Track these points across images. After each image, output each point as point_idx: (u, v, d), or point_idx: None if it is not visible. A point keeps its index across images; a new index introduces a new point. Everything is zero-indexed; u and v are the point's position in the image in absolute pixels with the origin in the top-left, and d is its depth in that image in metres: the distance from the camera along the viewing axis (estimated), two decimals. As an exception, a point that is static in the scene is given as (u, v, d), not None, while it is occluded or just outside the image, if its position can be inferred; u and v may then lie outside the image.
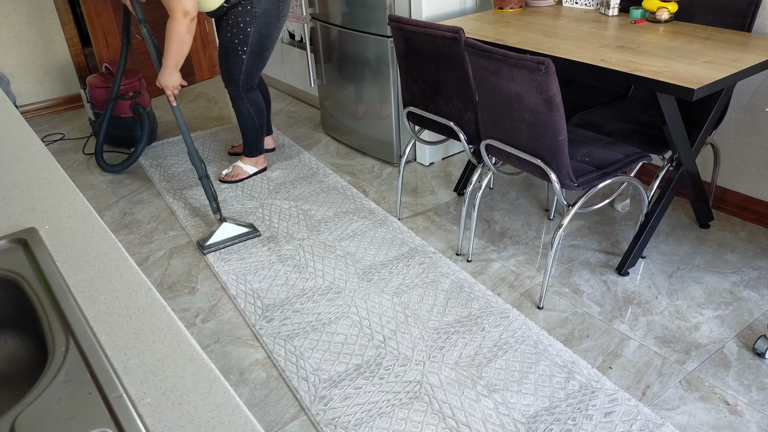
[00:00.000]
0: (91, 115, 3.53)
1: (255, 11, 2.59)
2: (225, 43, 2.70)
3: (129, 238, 2.65)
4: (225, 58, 2.76)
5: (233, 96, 2.89)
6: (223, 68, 2.82)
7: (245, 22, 2.61)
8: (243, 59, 2.73)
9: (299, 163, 3.25)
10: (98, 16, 3.85)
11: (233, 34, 2.65)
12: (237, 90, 2.85)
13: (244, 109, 2.92)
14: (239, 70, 2.77)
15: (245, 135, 3.00)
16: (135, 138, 3.45)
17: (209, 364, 0.71)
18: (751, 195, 2.51)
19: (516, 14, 2.71)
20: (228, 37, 2.67)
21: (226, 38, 2.68)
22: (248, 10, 2.58)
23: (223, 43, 2.71)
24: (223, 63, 2.80)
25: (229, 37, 2.67)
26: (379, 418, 1.70)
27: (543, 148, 1.89)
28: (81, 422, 0.64)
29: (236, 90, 2.85)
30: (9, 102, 1.56)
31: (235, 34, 2.65)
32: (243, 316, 2.14)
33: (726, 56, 1.97)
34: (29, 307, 0.82)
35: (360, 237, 2.56)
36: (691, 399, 1.73)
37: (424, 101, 2.37)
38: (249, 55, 2.72)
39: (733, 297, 2.11)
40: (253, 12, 2.59)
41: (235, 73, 2.78)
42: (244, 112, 2.92)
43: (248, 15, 2.59)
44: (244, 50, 2.70)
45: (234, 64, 2.75)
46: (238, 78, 2.80)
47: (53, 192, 1.11)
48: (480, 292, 2.19)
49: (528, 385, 1.79)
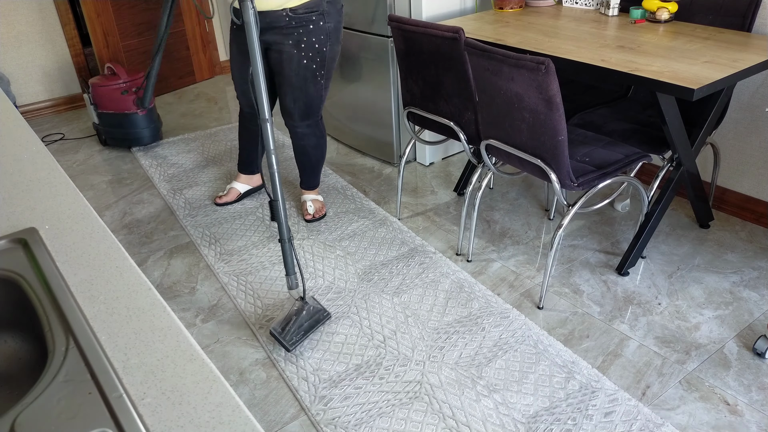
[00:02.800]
0: (94, 119, 3.49)
1: (328, 27, 2.21)
2: (300, 72, 2.26)
3: (129, 238, 2.65)
4: (302, 89, 2.31)
5: (306, 131, 2.47)
6: (297, 104, 2.36)
7: (320, 41, 2.22)
8: (322, 85, 2.34)
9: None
10: (98, 16, 3.85)
11: (310, 59, 2.23)
12: (316, 120, 2.46)
13: (320, 140, 2.53)
14: (320, 99, 2.39)
15: (314, 166, 2.62)
16: (139, 135, 3.44)
17: (209, 364, 0.71)
18: (751, 195, 2.51)
19: (516, 14, 2.71)
20: (304, 64, 2.24)
21: (301, 66, 2.25)
22: (321, 27, 2.19)
23: (297, 73, 2.26)
24: (298, 97, 2.33)
25: (305, 64, 2.24)
26: (379, 418, 1.70)
27: (543, 148, 1.89)
28: (81, 422, 0.64)
29: (314, 121, 2.45)
30: (9, 102, 1.56)
31: (311, 59, 2.24)
32: (243, 316, 2.14)
33: (726, 56, 1.97)
34: (29, 307, 0.82)
35: (360, 237, 2.56)
36: (691, 399, 1.73)
37: (424, 101, 2.37)
38: (326, 79, 2.35)
39: (733, 297, 2.11)
40: (326, 28, 2.20)
41: (315, 103, 2.38)
42: (318, 143, 2.54)
43: (322, 32, 2.20)
44: (322, 74, 2.31)
45: (315, 93, 2.34)
46: (319, 107, 2.42)
47: (53, 192, 1.11)
48: (480, 292, 2.19)
49: (528, 385, 1.79)
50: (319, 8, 2.11)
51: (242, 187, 2.86)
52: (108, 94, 3.36)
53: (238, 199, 2.85)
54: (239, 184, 2.86)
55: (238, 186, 2.85)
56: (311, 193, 2.73)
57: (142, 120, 3.42)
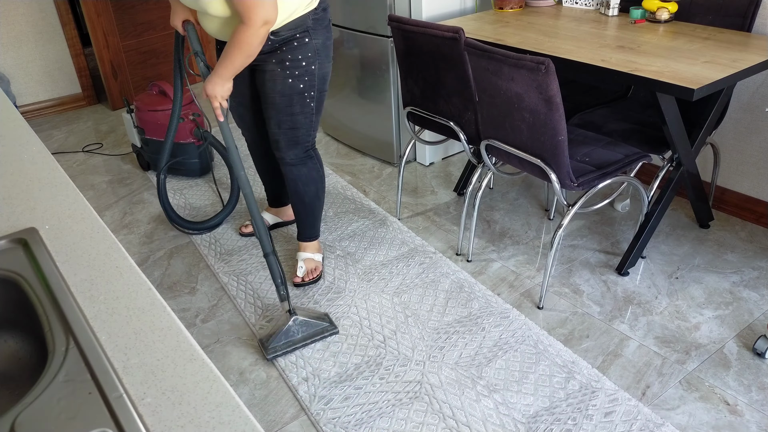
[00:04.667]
0: (136, 142, 3.13)
1: (316, 43, 1.96)
2: (285, 91, 1.98)
3: (129, 238, 2.65)
4: (287, 112, 2.03)
5: (296, 162, 2.13)
6: (282, 128, 2.05)
7: (307, 59, 1.96)
8: (312, 108, 2.05)
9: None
10: (98, 16, 3.85)
11: (296, 77, 1.96)
12: (305, 150, 2.12)
13: (313, 174, 2.18)
14: (309, 124, 2.08)
15: (309, 210, 2.25)
16: (192, 167, 3.05)
17: (209, 364, 0.71)
18: (751, 195, 2.51)
19: (516, 14, 2.71)
20: (289, 83, 1.96)
21: (286, 86, 1.97)
22: (307, 44, 1.94)
23: (282, 92, 1.98)
24: (283, 121, 2.04)
25: (290, 83, 1.96)
26: (380, 418, 1.70)
27: (543, 148, 1.89)
28: (81, 422, 0.64)
29: (303, 151, 2.12)
30: (9, 102, 1.56)
31: (298, 77, 1.96)
32: (243, 316, 2.14)
33: (726, 56, 1.97)
34: (29, 307, 0.82)
35: (360, 237, 2.56)
36: (691, 399, 1.73)
37: (424, 101, 2.37)
38: (317, 101, 2.05)
39: (733, 297, 2.11)
40: (313, 45, 1.96)
41: (303, 129, 2.07)
42: (312, 178, 2.18)
43: (308, 49, 1.95)
44: (311, 95, 2.02)
45: (303, 117, 2.05)
46: (308, 134, 2.10)
47: (53, 192, 1.11)
48: (480, 292, 2.19)
49: (528, 385, 1.79)
50: (303, 26, 1.92)
51: (271, 219, 2.63)
52: (161, 121, 2.94)
53: None
54: (268, 215, 2.63)
55: (267, 217, 2.61)
56: (307, 249, 2.32)
57: (195, 151, 3.02)
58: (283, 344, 1.95)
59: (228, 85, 1.87)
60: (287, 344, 1.95)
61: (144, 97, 3.04)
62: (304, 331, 1.98)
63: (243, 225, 2.63)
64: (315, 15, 1.92)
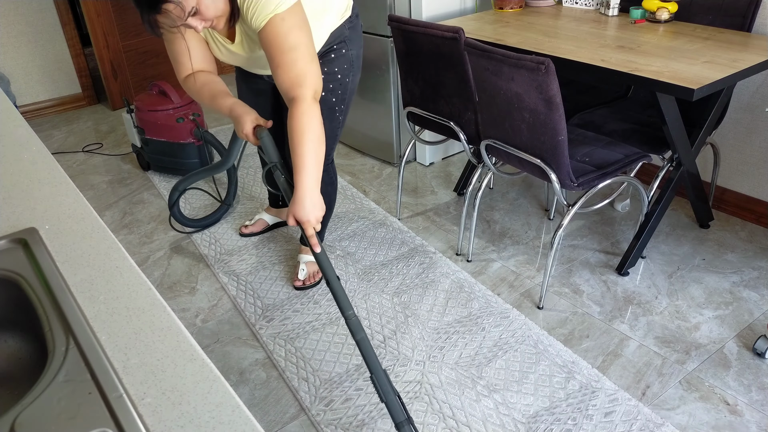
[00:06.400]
0: (137, 142, 3.13)
1: (351, 54, 1.86)
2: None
3: (129, 238, 2.65)
4: None
5: None
6: None
7: (343, 71, 1.86)
8: (340, 121, 1.96)
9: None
10: (98, 16, 3.85)
11: (330, 90, 1.87)
12: (325, 165, 2.01)
13: (327, 188, 2.10)
14: (334, 138, 1.99)
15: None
16: (192, 167, 3.02)
17: (209, 364, 0.71)
18: (751, 195, 2.51)
19: (516, 14, 2.71)
20: (322, 97, 1.84)
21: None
22: (344, 56, 1.84)
23: None
24: None
25: (323, 97, 1.84)
26: (380, 419, 1.70)
27: (543, 148, 1.89)
28: (81, 422, 0.64)
29: (324, 165, 1.86)
30: (9, 102, 1.56)
31: (331, 90, 1.87)
32: (243, 316, 2.14)
33: (726, 56, 1.97)
34: (29, 307, 0.82)
35: (360, 237, 2.56)
36: (691, 399, 1.73)
37: (424, 101, 2.37)
38: (344, 115, 1.96)
39: (733, 297, 2.11)
40: (349, 56, 1.86)
41: (328, 143, 1.96)
42: (326, 192, 2.07)
43: (345, 61, 1.85)
44: (341, 109, 1.93)
45: (329, 131, 1.92)
46: (331, 148, 2.03)
47: (53, 192, 1.11)
48: (480, 292, 2.19)
49: (528, 385, 1.79)
50: (341, 36, 1.82)
51: (271, 219, 2.61)
52: (161, 121, 2.94)
53: (264, 230, 2.61)
54: (268, 216, 2.61)
55: (267, 217, 2.61)
56: (309, 252, 2.24)
57: (196, 151, 3.01)
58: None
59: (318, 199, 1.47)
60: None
61: (144, 97, 3.04)
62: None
63: (243, 225, 2.63)
64: (350, 23, 1.86)
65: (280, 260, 2.42)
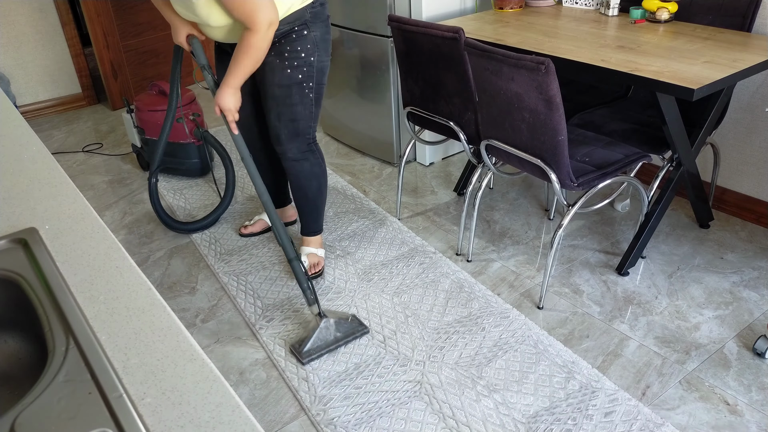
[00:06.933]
0: (136, 142, 3.12)
1: (314, 35, 1.98)
2: (284, 82, 1.99)
3: (129, 238, 2.65)
4: (287, 103, 2.02)
5: (297, 156, 2.13)
6: (282, 120, 2.05)
7: (306, 50, 1.97)
8: (311, 99, 2.05)
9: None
10: (98, 16, 3.85)
11: (295, 68, 1.97)
12: (306, 144, 2.13)
13: (315, 169, 2.19)
14: (308, 115, 2.08)
15: (312, 205, 2.27)
16: (192, 167, 3.05)
17: (209, 364, 0.71)
18: (751, 195, 2.51)
19: (516, 14, 2.71)
20: (288, 74, 1.97)
21: (285, 76, 1.98)
22: (305, 36, 1.96)
23: (281, 83, 1.99)
24: (283, 113, 2.04)
25: (289, 73, 1.97)
26: (380, 418, 1.70)
27: (543, 148, 1.89)
28: (81, 422, 0.64)
29: (305, 144, 2.12)
30: (9, 102, 1.56)
31: (297, 68, 1.97)
32: (243, 316, 2.14)
33: (726, 56, 1.97)
34: (29, 307, 0.82)
35: (360, 237, 2.56)
36: (691, 399, 1.73)
37: (424, 101, 2.37)
38: (315, 92, 2.06)
39: (733, 297, 2.11)
40: (312, 37, 1.97)
41: (303, 121, 2.07)
42: (314, 173, 2.19)
43: (307, 41, 1.96)
44: (311, 86, 2.03)
45: (302, 108, 2.04)
46: (308, 126, 2.10)
47: (53, 192, 1.11)
48: (480, 292, 2.19)
49: (528, 385, 1.79)
50: (302, 19, 1.94)
51: None
52: (161, 121, 2.92)
53: (264, 230, 2.63)
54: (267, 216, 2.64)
55: (267, 218, 2.62)
56: (310, 244, 2.35)
57: (196, 151, 3.02)
58: (317, 347, 1.92)
59: (238, 95, 1.91)
60: (321, 347, 1.92)
61: (144, 97, 3.03)
62: (336, 333, 1.95)
63: (243, 225, 2.63)
64: (313, 8, 1.96)
65: (280, 260, 2.42)
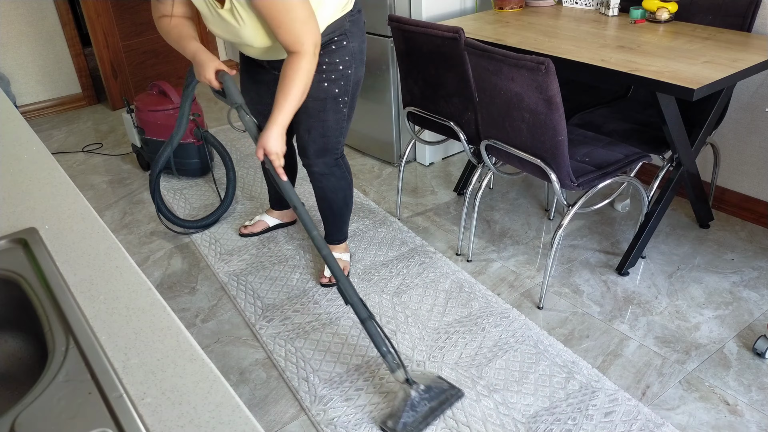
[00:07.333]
0: (136, 142, 3.11)
1: (352, 47, 1.90)
2: (319, 95, 1.90)
3: (129, 238, 2.65)
4: (319, 117, 1.95)
5: (324, 171, 2.08)
6: (312, 135, 1.99)
7: (344, 62, 1.89)
8: (344, 114, 1.99)
9: (298, 163, 3.25)
10: (98, 16, 3.85)
11: (332, 81, 1.90)
12: (334, 159, 2.07)
13: (342, 183, 2.13)
14: (339, 131, 2.01)
15: (338, 216, 2.23)
16: (192, 167, 3.04)
17: (209, 364, 0.71)
18: (751, 195, 2.51)
19: (516, 14, 2.71)
20: (324, 87, 1.89)
21: (321, 89, 1.89)
22: (344, 47, 1.88)
23: (315, 96, 1.90)
24: (314, 127, 1.97)
25: (325, 87, 1.90)
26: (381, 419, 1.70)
27: (543, 148, 1.89)
28: (81, 422, 0.64)
29: (332, 160, 2.07)
30: (9, 102, 1.56)
31: (334, 81, 1.90)
32: (243, 316, 2.14)
33: (726, 56, 1.97)
34: (29, 307, 0.82)
35: (360, 237, 2.56)
36: (691, 399, 1.73)
37: (424, 101, 2.37)
38: (349, 108, 1.99)
39: (733, 297, 2.11)
40: (350, 49, 1.89)
41: (333, 137, 2.01)
42: (341, 187, 2.14)
43: (346, 53, 1.88)
44: (345, 101, 1.95)
45: (334, 124, 1.98)
46: (338, 142, 2.04)
47: (53, 192, 1.11)
48: (480, 292, 2.19)
49: (528, 385, 1.79)
50: (341, 29, 1.85)
51: (271, 221, 2.60)
52: (161, 121, 2.93)
53: (264, 231, 2.61)
54: (269, 218, 2.61)
55: (268, 219, 2.60)
56: (335, 250, 2.31)
57: (196, 151, 3.01)
58: (414, 422, 1.64)
59: (284, 136, 1.71)
60: (418, 421, 1.65)
61: (144, 97, 3.03)
62: (429, 401, 1.69)
63: (243, 225, 2.63)
64: (351, 17, 1.89)
65: (280, 260, 2.42)
